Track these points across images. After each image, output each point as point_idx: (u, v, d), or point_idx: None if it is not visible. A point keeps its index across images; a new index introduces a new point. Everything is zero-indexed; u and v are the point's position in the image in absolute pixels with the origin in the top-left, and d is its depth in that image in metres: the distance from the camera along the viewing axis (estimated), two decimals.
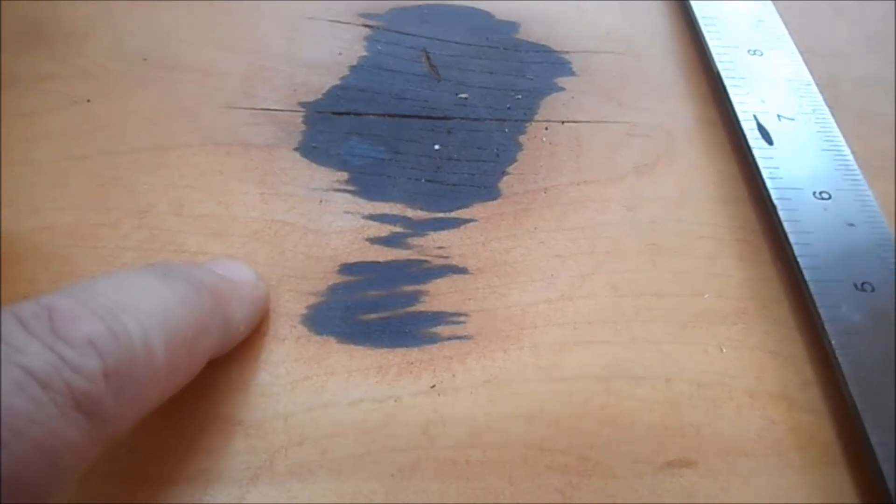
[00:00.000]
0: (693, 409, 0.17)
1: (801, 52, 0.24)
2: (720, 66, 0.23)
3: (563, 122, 0.23)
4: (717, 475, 0.16)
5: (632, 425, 0.17)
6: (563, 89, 0.23)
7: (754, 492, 0.16)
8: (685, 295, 0.19)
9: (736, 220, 0.21)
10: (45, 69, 0.22)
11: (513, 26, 0.25)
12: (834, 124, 0.22)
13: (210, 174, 0.20)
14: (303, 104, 0.22)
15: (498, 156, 0.22)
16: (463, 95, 0.23)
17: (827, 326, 0.18)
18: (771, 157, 0.21)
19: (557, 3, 0.26)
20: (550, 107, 0.23)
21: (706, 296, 0.19)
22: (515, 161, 0.22)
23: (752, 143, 0.21)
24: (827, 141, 0.21)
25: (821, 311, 0.18)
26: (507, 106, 0.23)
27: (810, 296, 0.18)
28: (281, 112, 0.22)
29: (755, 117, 0.22)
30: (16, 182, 0.19)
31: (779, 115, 0.22)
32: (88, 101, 0.21)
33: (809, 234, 0.19)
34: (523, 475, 0.16)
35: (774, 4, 0.26)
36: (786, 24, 0.25)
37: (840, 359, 0.17)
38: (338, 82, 0.23)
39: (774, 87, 0.23)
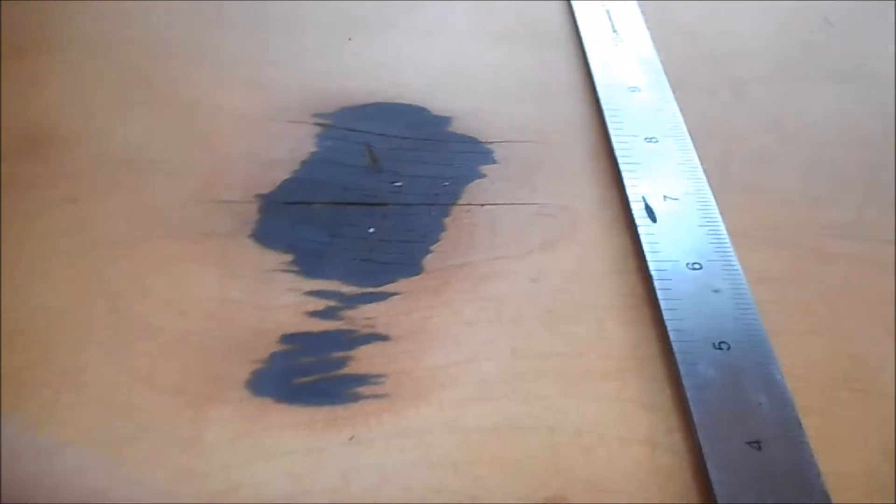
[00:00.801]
0: (570, 454, 0.21)
1: (695, 136, 0.28)
2: (618, 153, 0.27)
3: (482, 206, 0.26)
4: None
5: (517, 469, 0.20)
6: (485, 176, 0.27)
7: None
8: (574, 356, 0.23)
9: (624, 289, 0.24)
10: (40, 173, 0.26)
11: (446, 120, 0.29)
12: (713, 203, 0.25)
13: (176, 261, 0.24)
14: (258, 196, 0.26)
15: (424, 236, 0.25)
16: (398, 184, 0.27)
17: (685, 381, 0.21)
18: (653, 234, 0.24)
19: (486, 100, 0.29)
20: (473, 192, 0.27)
21: (592, 356, 0.23)
22: (439, 241, 0.25)
23: (637, 220, 0.25)
24: (705, 218, 0.25)
25: (681, 367, 0.21)
26: (436, 192, 0.27)
27: (674, 354, 0.22)
28: (238, 203, 0.26)
29: (643, 198, 0.25)
30: (12, 275, 0.23)
31: (665, 196, 0.25)
32: (75, 200, 0.25)
33: (679, 300, 0.23)
34: None
35: (675, 94, 0.29)
36: (685, 110, 0.29)
37: (693, 409, 0.20)
38: (290, 175, 0.27)
39: (665, 171, 0.26)
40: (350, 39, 0.32)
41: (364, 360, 0.22)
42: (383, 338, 0.23)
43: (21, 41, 0.30)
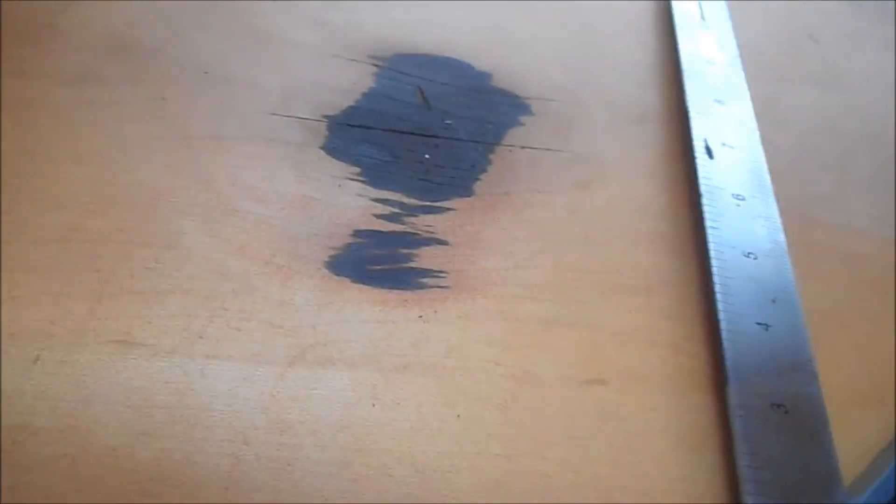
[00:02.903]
0: (608, 348, 0.24)
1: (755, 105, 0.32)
2: (690, 107, 0.31)
3: (522, 147, 0.30)
4: (621, 390, 0.23)
5: (563, 353, 0.24)
6: (523, 124, 0.31)
7: (644, 401, 0.23)
8: (607, 273, 0.26)
9: (649, 226, 0.28)
10: (127, 72, 0.28)
11: (487, 75, 0.32)
12: (762, 155, 0.30)
13: (256, 159, 0.26)
14: (326, 116, 0.29)
15: (473, 166, 0.29)
16: (448, 122, 0.30)
17: (716, 278, 0.25)
18: (708, 168, 0.28)
19: (522, 61, 0.33)
20: (513, 136, 0.30)
21: (623, 274, 0.26)
22: (486, 171, 0.28)
23: (697, 155, 0.29)
24: (753, 164, 0.29)
25: (716, 278, 0.25)
26: (481, 132, 0.30)
27: (708, 263, 0.25)
28: (309, 120, 0.28)
29: (705, 140, 0.29)
30: (110, 152, 0.25)
31: (723, 143, 0.29)
32: (164, 98, 0.27)
33: (722, 223, 0.26)
34: (483, 379, 0.23)
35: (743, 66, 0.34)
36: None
37: (718, 292, 0.24)
38: (352, 103, 0.29)
39: (726, 124, 0.30)
40: None
41: (427, 258, 0.25)
42: (442, 242, 0.26)
43: None
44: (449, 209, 0.27)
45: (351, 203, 0.26)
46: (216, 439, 0.20)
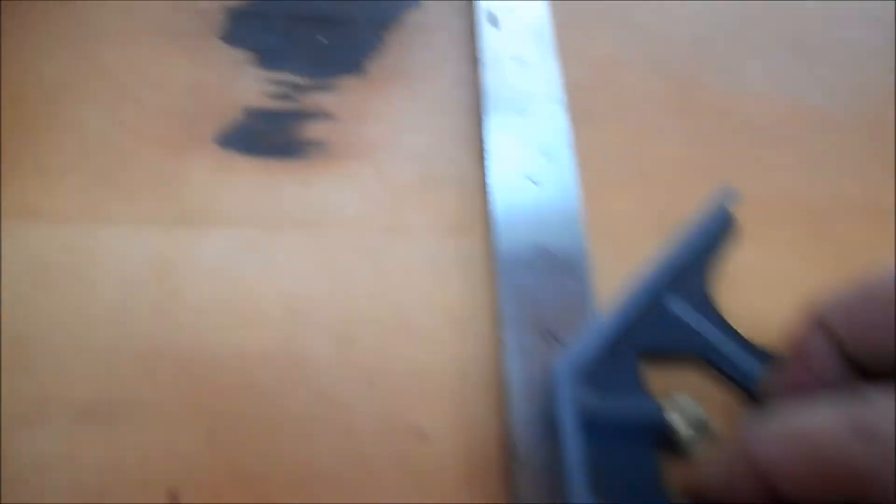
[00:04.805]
0: (477, 199, 0.26)
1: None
2: None
3: (417, 26, 0.31)
4: (483, 239, 0.25)
5: (437, 210, 0.26)
6: (420, 3, 0.32)
7: None
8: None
9: None
10: None
11: None
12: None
13: (159, 51, 0.29)
14: (226, 7, 0.31)
15: (368, 47, 0.30)
16: (345, 4, 0.32)
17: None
18: (492, 36, 0.30)
19: None
20: (410, 15, 0.32)
21: None
22: (381, 51, 0.30)
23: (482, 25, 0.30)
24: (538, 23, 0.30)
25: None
26: (380, 14, 0.32)
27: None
28: (210, 11, 0.30)
29: (488, 10, 0.31)
30: (23, 54, 0.28)
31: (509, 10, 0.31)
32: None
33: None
34: (357, 234, 0.25)
35: None
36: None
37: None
38: None
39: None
40: None
41: (313, 130, 0.27)
42: (330, 116, 0.28)
43: None
44: (340, 87, 0.29)
45: (244, 86, 0.28)
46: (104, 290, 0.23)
